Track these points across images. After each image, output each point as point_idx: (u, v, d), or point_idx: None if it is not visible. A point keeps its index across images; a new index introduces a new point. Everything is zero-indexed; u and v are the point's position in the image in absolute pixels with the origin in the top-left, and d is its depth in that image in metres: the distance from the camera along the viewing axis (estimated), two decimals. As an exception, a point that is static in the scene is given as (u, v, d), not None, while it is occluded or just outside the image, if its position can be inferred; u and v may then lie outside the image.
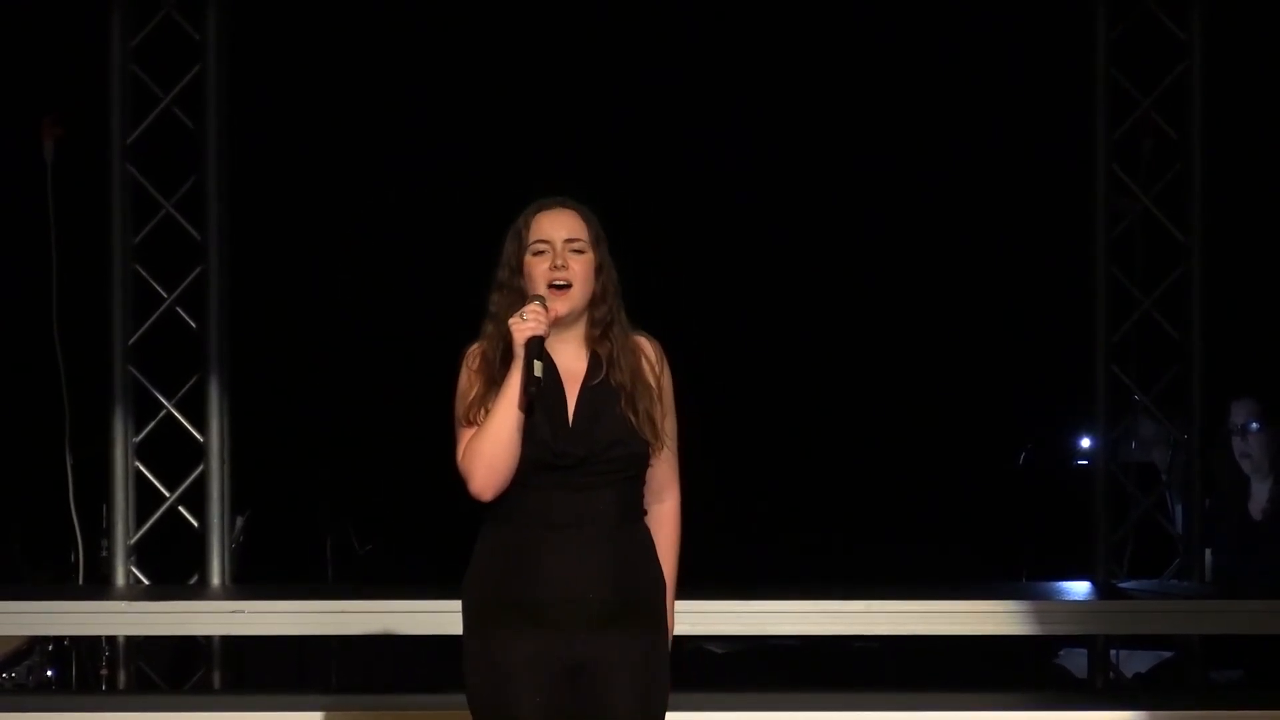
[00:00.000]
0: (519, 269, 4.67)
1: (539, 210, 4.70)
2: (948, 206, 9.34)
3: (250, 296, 8.27)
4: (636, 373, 4.67)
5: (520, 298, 4.65)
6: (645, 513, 4.71)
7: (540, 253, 4.66)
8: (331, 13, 8.88)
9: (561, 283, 4.63)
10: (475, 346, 4.72)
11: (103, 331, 8.00)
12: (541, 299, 4.60)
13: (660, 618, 4.71)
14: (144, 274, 8.05)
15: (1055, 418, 8.91)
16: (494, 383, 4.62)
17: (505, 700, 4.59)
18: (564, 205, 4.71)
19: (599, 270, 4.68)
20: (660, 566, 4.71)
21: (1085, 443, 8.42)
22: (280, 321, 9.05)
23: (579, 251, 4.66)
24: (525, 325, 4.55)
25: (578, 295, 4.66)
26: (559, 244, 4.65)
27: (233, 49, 8.06)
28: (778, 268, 9.50)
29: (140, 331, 8.03)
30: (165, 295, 8.05)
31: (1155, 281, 8.08)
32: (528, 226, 4.69)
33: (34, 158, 8.16)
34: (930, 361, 9.48)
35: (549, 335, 4.59)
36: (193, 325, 8.04)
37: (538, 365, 4.54)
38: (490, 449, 4.57)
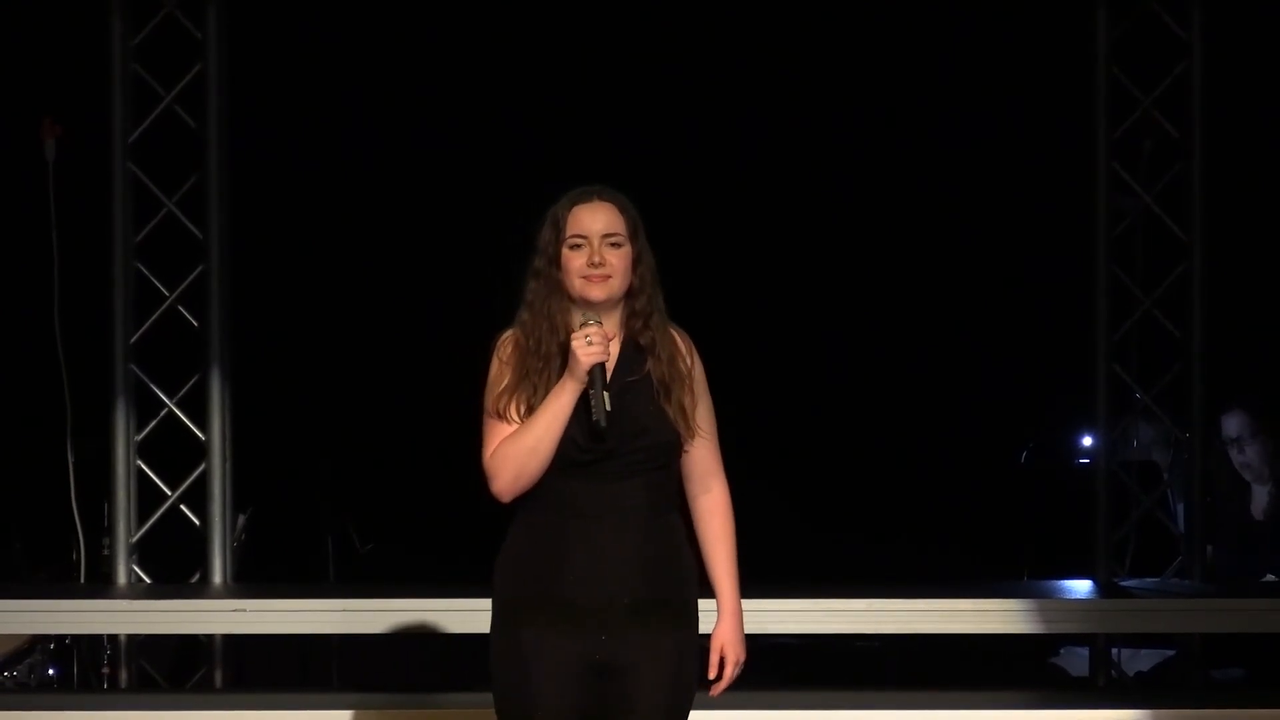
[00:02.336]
0: (555, 261, 4.64)
1: (575, 203, 4.67)
2: (947, 205, 9.33)
3: (252, 295, 8.27)
4: (672, 362, 4.67)
5: (557, 289, 4.63)
6: (677, 505, 4.69)
7: (577, 247, 4.63)
8: (334, 10, 8.88)
9: (599, 276, 4.62)
10: (507, 334, 4.68)
11: (104, 330, 7.99)
12: (598, 320, 4.57)
13: (690, 613, 4.68)
14: (145, 272, 8.04)
15: (1057, 417, 8.91)
16: (527, 374, 4.61)
17: (531, 699, 4.57)
18: (602, 197, 4.67)
19: (636, 261, 4.66)
20: (691, 561, 4.69)
21: (1087, 441, 8.42)
22: (282, 320, 9.05)
23: (616, 245, 4.64)
24: (592, 351, 4.52)
25: (616, 285, 4.63)
26: (596, 240, 4.62)
27: (234, 47, 8.05)
28: (778, 267, 9.50)
29: (142, 330, 8.03)
30: (167, 293, 8.04)
31: (1156, 280, 8.07)
32: (565, 218, 4.65)
33: (35, 156, 8.15)
34: (931, 360, 9.48)
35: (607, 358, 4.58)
36: (194, 323, 8.04)
37: (607, 398, 4.51)
38: (524, 459, 4.55)
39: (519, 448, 4.55)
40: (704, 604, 4.76)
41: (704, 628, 4.75)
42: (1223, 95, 8.12)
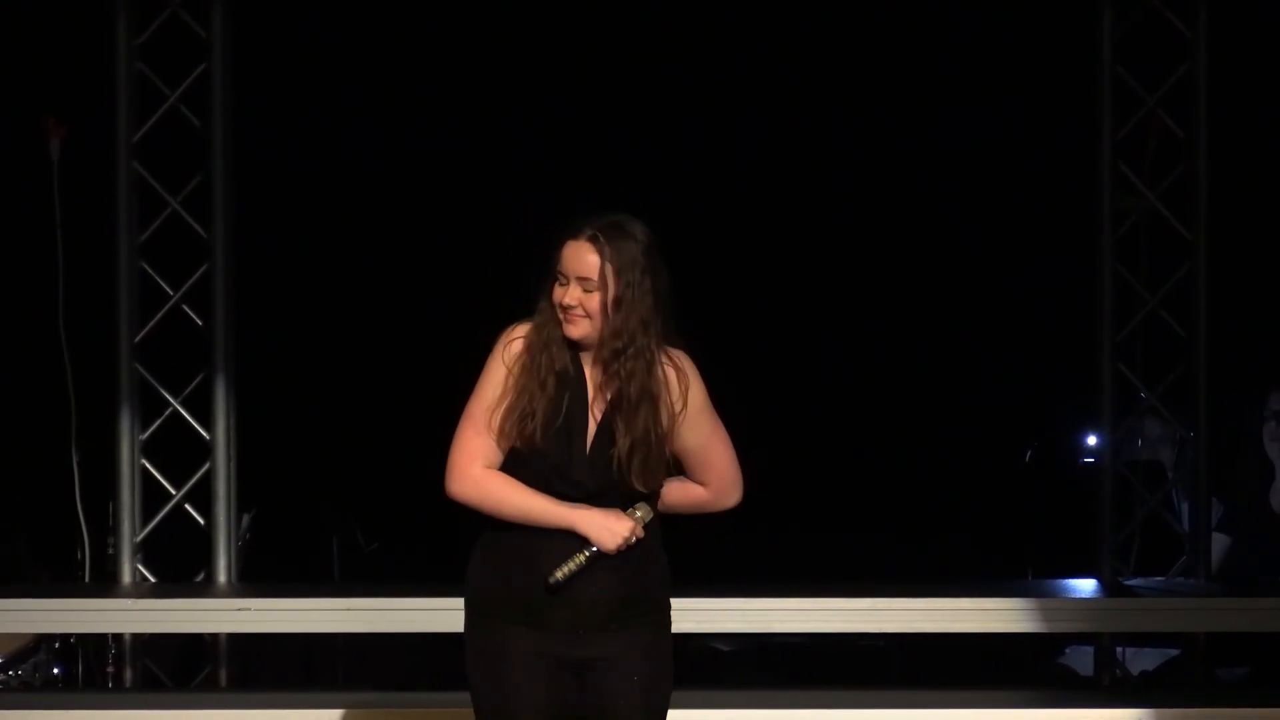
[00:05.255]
0: (551, 290, 4.64)
1: (569, 237, 4.63)
2: (952, 205, 9.33)
3: (256, 294, 8.27)
4: (649, 422, 4.59)
5: (554, 316, 4.61)
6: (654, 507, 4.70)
7: (559, 283, 4.63)
8: (338, 10, 8.89)
9: (571, 316, 4.61)
10: (519, 332, 4.66)
11: (109, 329, 8.00)
12: (650, 516, 4.61)
13: (663, 613, 4.70)
14: (150, 272, 8.05)
15: (1061, 416, 8.91)
16: (521, 392, 4.57)
17: (507, 697, 4.59)
18: (591, 239, 4.60)
19: (616, 304, 4.56)
20: (665, 562, 4.70)
21: (1091, 440, 8.42)
22: (286, 319, 9.06)
23: (587, 290, 4.58)
24: (617, 544, 4.55)
25: (588, 328, 4.60)
26: (572, 281, 4.60)
27: (239, 47, 8.06)
28: (782, 266, 9.50)
29: (147, 329, 8.03)
30: (171, 293, 8.05)
31: (1161, 279, 8.07)
32: (559, 251, 4.63)
33: (40, 155, 8.16)
34: (936, 360, 9.48)
35: None
36: (199, 323, 8.04)
37: (572, 570, 4.54)
38: (492, 508, 4.60)
39: (491, 499, 4.60)
40: (676, 603, 4.76)
41: (676, 628, 4.75)
42: (1227, 94, 8.12)
